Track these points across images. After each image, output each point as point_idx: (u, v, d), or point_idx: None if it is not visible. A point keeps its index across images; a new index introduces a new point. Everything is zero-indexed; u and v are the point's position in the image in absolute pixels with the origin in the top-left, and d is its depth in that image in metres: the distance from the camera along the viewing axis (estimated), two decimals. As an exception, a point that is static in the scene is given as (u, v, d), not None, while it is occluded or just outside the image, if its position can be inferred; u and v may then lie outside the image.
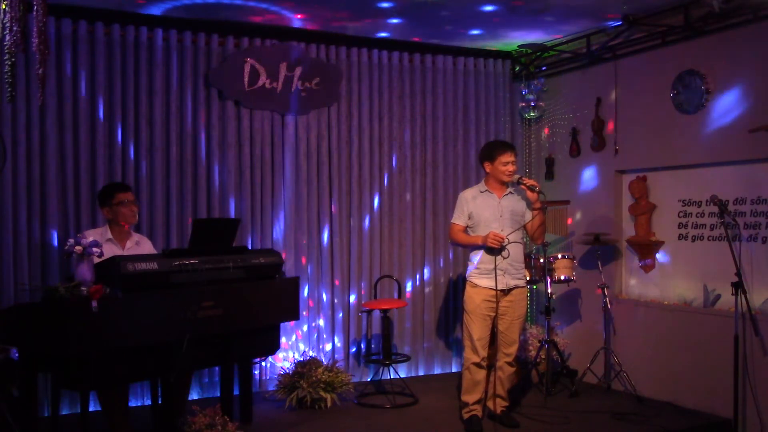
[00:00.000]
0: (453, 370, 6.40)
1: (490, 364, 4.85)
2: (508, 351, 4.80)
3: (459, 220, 4.81)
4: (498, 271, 4.61)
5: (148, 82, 5.40)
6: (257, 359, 5.45)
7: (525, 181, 4.69)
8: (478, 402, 4.78)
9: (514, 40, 6.22)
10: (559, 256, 5.75)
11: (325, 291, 5.99)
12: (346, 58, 6.09)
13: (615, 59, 5.87)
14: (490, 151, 4.79)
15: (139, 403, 5.29)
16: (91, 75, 5.22)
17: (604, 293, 5.58)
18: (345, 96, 6.08)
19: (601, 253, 5.76)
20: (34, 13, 3.18)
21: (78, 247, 3.77)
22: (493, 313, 4.70)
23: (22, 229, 4.98)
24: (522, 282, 4.80)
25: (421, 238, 6.34)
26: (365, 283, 6.13)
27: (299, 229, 5.89)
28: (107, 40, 5.27)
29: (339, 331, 6.02)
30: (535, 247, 6.10)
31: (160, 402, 4.30)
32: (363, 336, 6.13)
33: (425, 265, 6.34)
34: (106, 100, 5.27)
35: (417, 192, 6.33)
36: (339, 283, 6.02)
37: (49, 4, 3.32)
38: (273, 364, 5.74)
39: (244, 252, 4.48)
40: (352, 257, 6.09)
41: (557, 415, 5.00)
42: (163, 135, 5.46)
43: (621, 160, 5.89)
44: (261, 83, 5.69)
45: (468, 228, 4.80)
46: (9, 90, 3.17)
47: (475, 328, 4.70)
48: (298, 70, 5.80)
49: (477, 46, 6.41)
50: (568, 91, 6.43)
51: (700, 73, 5.18)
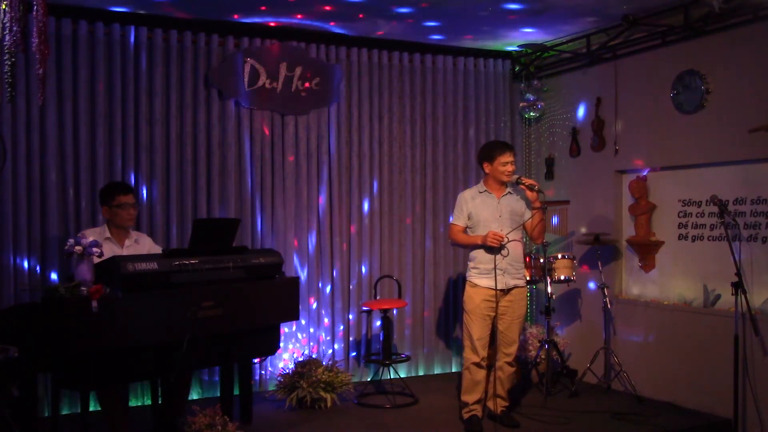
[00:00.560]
0: (453, 370, 6.40)
1: (490, 364, 4.85)
2: (508, 351, 4.80)
3: (458, 221, 4.81)
4: (498, 270, 4.61)
5: (148, 82, 5.40)
6: (257, 359, 5.45)
7: (524, 181, 4.70)
8: (478, 402, 4.78)
9: (514, 40, 6.22)
10: (559, 256, 5.75)
11: (325, 290, 5.99)
12: (346, 58, 6.09)
13: (615, 59, 5.87)
14: (489, 152, 4.79)
15: (139, 403, 5.29)
16: (91, 75, 5.22)
17: (604, 293, 5.58)
18: (345, 96, 6.08)
19: (601, 253, 5.77)
20: (34, 13, 3.18)
21: (78, 247, 3.78)
22: (492, 313, 4.71)
23: (22, 229, 4.98)
24: (522, 282, 4.80)
25: (421, 238, 6.34)
26: (365, 283, 6.13)
27: (299, 228, 5.89)
28: (107, 40, 5.27)
29: (339, 331, 6.02)
30: (535, 246, 6.11)
31: (160, 402, 4.30)
32: (363, 336, 6.13)
33: (425, 265, 6.34)
34: (106, 100, 5.27)
35: (417, 192, 6.33)
36: (339, 283, 6.02)
37: (49, 4, 3.32)
38: (273, 364, 5.74)
39: (244, 252, 4.48)
40: (352, 257, 6.10)
41: (557, 415, 5.00)
42: (163, 135, 5.46)
43: (621, 160, 5.88)
44: (261, 83, 5.69)
45: (467, 228, 4.80)
46: (9, 90, 3.17)
47: (475, 328, 4.70)
48: (298, 70, 5.80)
49: (477, 46, 6.41)
50: (568, 91, 6.43)
51: (700, 73, 5.17)
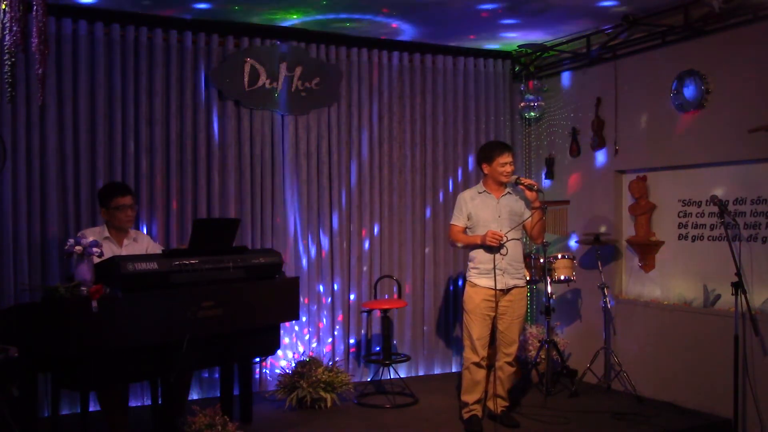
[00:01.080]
0: (453, 370, 6.40)
1: (490, 364, 4.85)
2: (508, 351, 4.80)
3: (458, 221, 4.82)
4: (497, 270, 4.62)
5: (148, 82, 5.40)
6: (257, 359, 5.45)
7: (523, 181, 4.71)
8: (477, 402, 4.78)
9: (514, 40, 6.22)
10: (559, 256, 5.75)
11: (325, 291, 5.99)
12: (346, 58, 6.09)
13: (615, 59, 5.87)
14: (488, 153, 4.79)
15: (139, 403, 5.29)
16: (91, 75, 5.22)
17: (604, 293, 5.58)
18: (345, 96, 6.08)
19: (601, 253, 5.76)
20: (34, 13, 3.18)
21: (78, 247, 3.78)
22: (492, 313, 4.71)
23: (22, 229, 4.98)
24: (521, 282, 4.80)
25: (421, 238, 6.34)
26: (365, 283, 6.13)
27: (299, 228, 5.89)
28: (107, 40, 5.26)
29: (339, 331, 6.02)
30: (535, 246, 6.11)
31: (160, 402, 4.30)
32: (363, 336, 6.13)
33: (425, 265, 6.34)
34: (106, 100, 5.26)
35: (417, 192, 6.33)
36: (339, 283, 6.02)
37: (49, 4, 3.32)
38: (273, 364, 5.74)
39: (244, 252, 4.48)
40: (352, 257, 6.10)
41: (557, 415, 5.00)
42: (163, 135, 5.46)
43: (621, 160, 5.88)
44: (261, 83, 5.69)
45: (467, 229, 4.80)
46: (9, 90, 3.17)
47: (475, 328, 4.70)
48: (298, 70, 5.80)
49: (477, 46, 6.41)
50: (568, 91, 6.43)
51: (700, 73, 5.17)
